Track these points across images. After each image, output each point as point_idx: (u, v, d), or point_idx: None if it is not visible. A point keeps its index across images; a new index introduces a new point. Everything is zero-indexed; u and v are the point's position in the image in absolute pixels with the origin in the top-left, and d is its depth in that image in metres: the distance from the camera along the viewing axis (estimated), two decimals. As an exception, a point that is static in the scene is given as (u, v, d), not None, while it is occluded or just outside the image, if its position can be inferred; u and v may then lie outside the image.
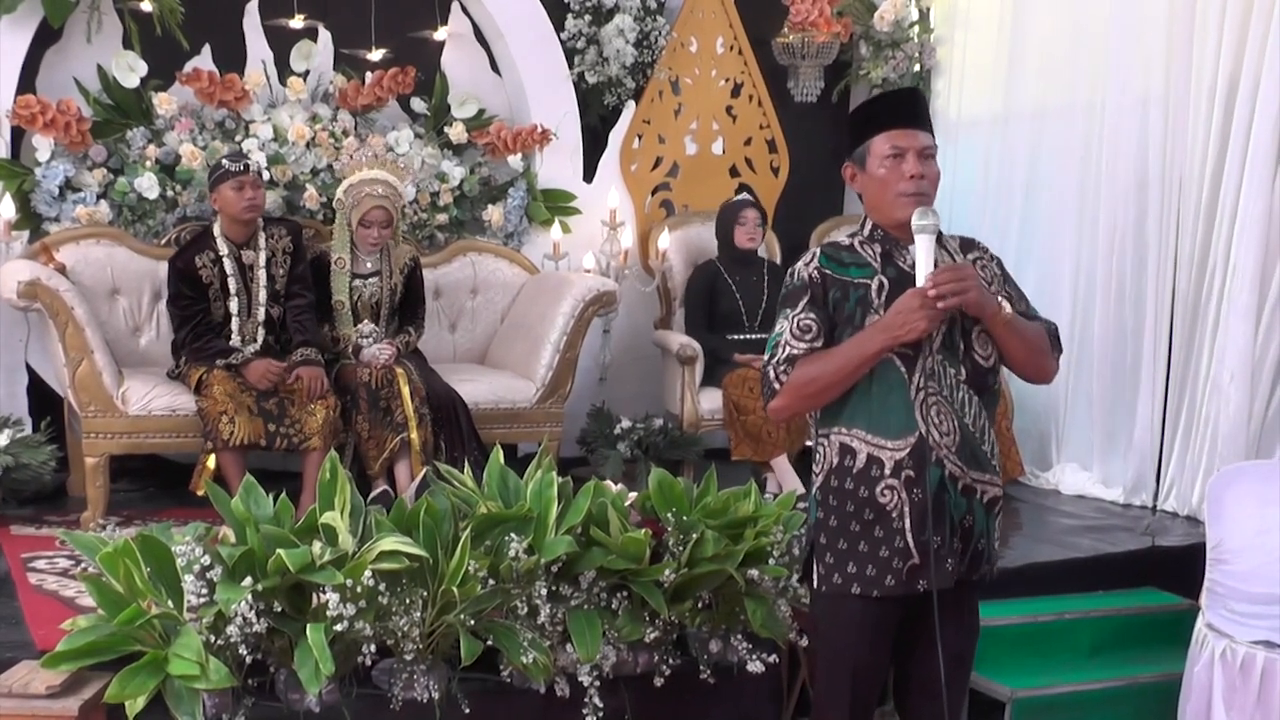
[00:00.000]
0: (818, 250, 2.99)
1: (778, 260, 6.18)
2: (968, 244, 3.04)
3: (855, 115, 3.07)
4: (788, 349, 2.90)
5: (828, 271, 2.93)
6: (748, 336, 5.68)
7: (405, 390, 4.88)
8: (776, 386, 2.91)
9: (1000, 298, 2.91)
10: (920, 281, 2.79)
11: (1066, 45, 5.95)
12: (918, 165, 2.88)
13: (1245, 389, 4.99)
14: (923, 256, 2.81)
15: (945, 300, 2.77)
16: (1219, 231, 5.14)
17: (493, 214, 5.91)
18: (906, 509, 2.88)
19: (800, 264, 2.98)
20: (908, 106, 2.96)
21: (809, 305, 2.92)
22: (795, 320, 2.91)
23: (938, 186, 2.93)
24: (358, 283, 5.17)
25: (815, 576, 3.03)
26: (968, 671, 3.13)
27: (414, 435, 4.84)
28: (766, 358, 2.95)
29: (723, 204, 5.98)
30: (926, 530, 2.86)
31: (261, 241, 5.03)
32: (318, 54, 5.74)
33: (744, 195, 6.05)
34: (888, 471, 2.88)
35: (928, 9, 6.66)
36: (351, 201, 5.11)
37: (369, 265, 5.19)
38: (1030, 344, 2.94)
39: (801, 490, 4.91)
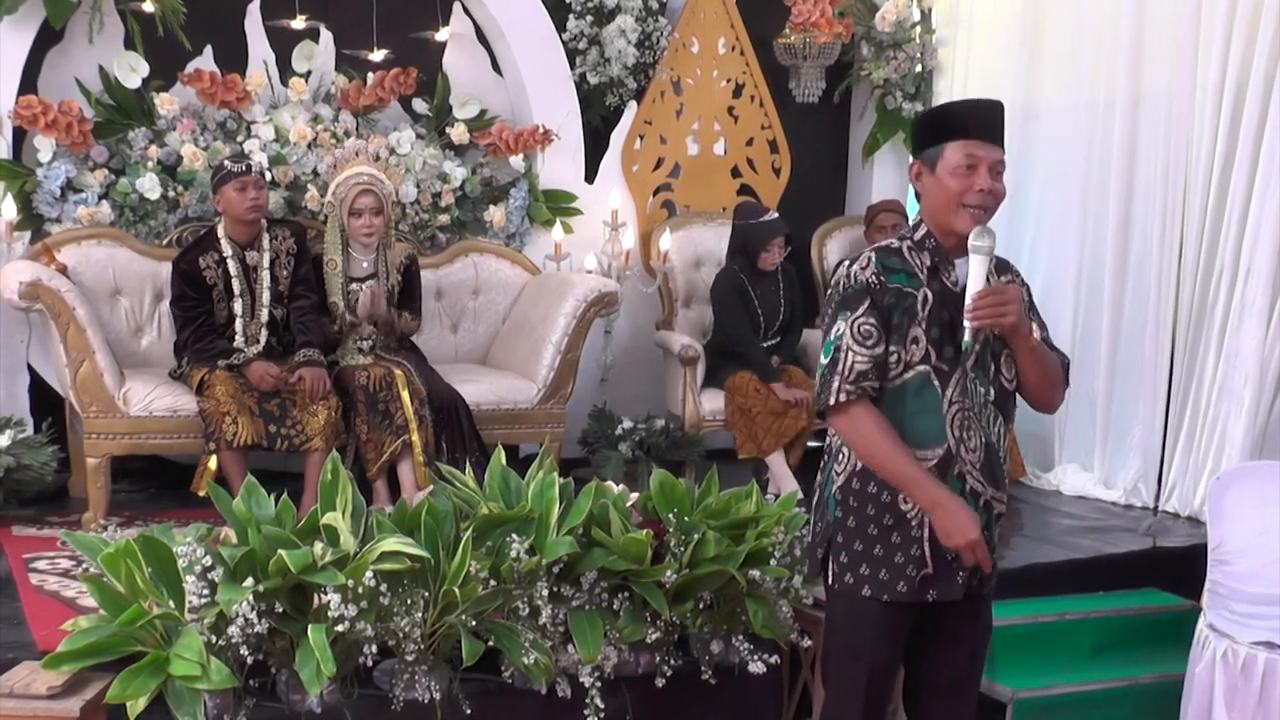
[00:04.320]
0: (872, 254, 2.93)
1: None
2: (1002, 265, 3.04)
3: (934, 115, 3.05)
4: (850, 356, 2.84)
5: (883, 277, 2.90)
6: (766, 344, 5.70)
7: (405, 394, 4.88)
8: (840, 399, 2.85)
9: (1034, 324, 2.94)
10: (968, 300, 2.80)
11: (1069, 45, 5.94)
12: (989, 180, 2.87)
13: (1257, 391, 4.98)
14: (974, 276, 2.82)
15: (983, 322, 2.79)
16: (1226, 232, 5.12)
17: (494, 215, 5.91)
18: (926, 518, 2.89)
19: (856, 267, 2.91)
20: (991, 120, 2.93)
21: (870, 310, 2.87)
22: (855, 325, 2.86)
23: (999, 205, 2.92)
24: (354, 287, 5.17)
25: (830, 574, 3.04)
26: (980, 672, 3.14)
27: (415, 437, 4.84)
28: (826, 361, 2.88)
29: (749, 219, 5.76)
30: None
31: (265, 243, 5.04)
32: (319, 54, 5.73)
33: (774, 217, 5.77)
34: None
35: (929, 10, 6.66)
36: (339, 198, 5.11)
37: (365, 266, 5.19)
38: (1047, 373, 2.96)
39: (797, 490, 4.92)
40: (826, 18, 6.41)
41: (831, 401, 2.86)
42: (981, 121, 2.92)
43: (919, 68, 6.62)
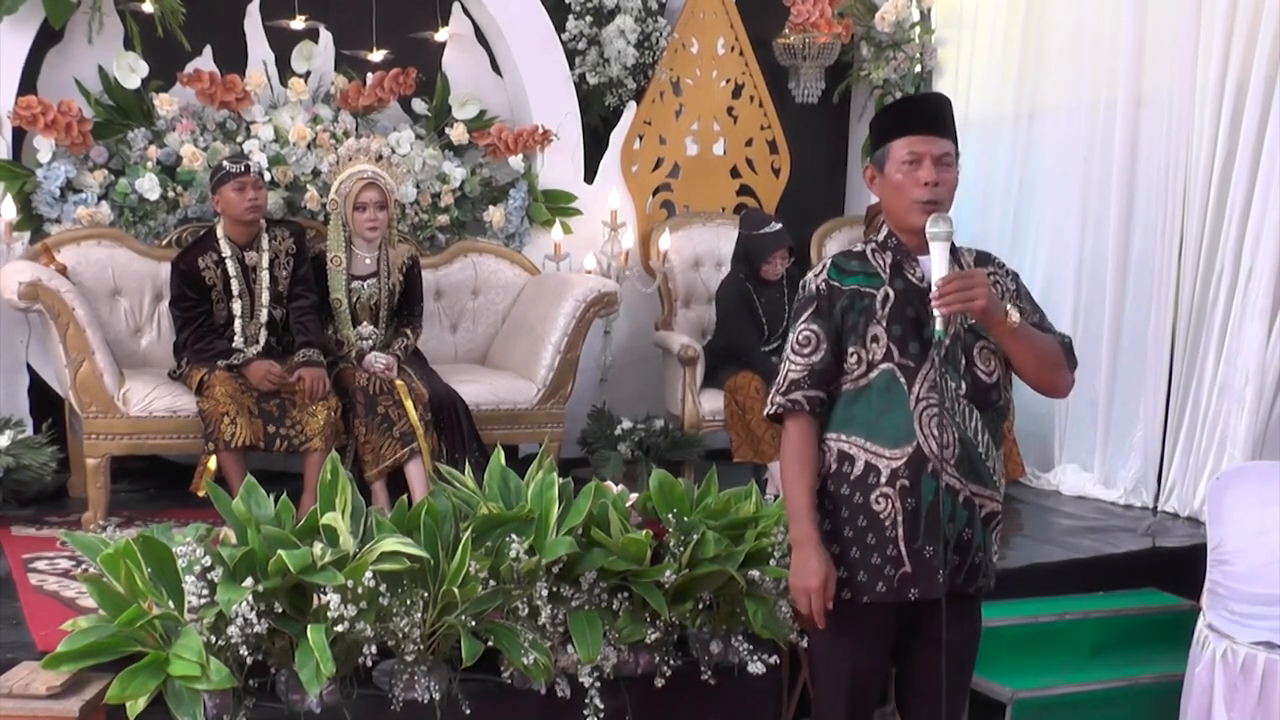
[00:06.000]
0: (829, 261, 3.00)
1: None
2: (983, 258, 3.04)
3: (878, 116, 3.08)
4: (788, 366, 2.97)
5: (835, 283, 2.95)
6: (768, 348, 5.69)
7: (409, 404, 4.87)
8: (771, 410, 3.01)
9: (1010, 306, 2.89)
10: (933, 289, 2.80)
11: (1069, 45, 5.94)
12: (933, 173, 2.87)
13: (1257, 391, 4.98)
14: (936, 264, 2.81)
15: (951, 308, 2.77)
16: (1227, 232, 5.12)
17: (494, 215, 5.91)
18: (900, 518, 2.88)
19: (811, 275, 3.01)
20: (929, 112, 2.95)
21: (813, 316, 2.94)
22: (798, 333, 2.95)
23: (954, 193, 2.92)
24: (356, 284, 5.16)
25: None
26: (969, 675, 3.14)
27: (423, 445, 4.84)
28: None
29: (753, 229, 5.71)
30: (917, 539, 2.87)
31: (264, 243, 5.04)
32: (319, 55, 5.74)
33: (777, 229, 5.72)
34: (883, 480, 2.89)
35: (929, 10, 6.66)
36: (342, 194, 5.11)
37: (367, 263, 5.18)
38: (1040, 354, 2.93)
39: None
40: (826, 18, 6.42)
41: (764, 413, 3.05)
42: (922, 116, 2.94)
43: (919, 68, 6.62)
